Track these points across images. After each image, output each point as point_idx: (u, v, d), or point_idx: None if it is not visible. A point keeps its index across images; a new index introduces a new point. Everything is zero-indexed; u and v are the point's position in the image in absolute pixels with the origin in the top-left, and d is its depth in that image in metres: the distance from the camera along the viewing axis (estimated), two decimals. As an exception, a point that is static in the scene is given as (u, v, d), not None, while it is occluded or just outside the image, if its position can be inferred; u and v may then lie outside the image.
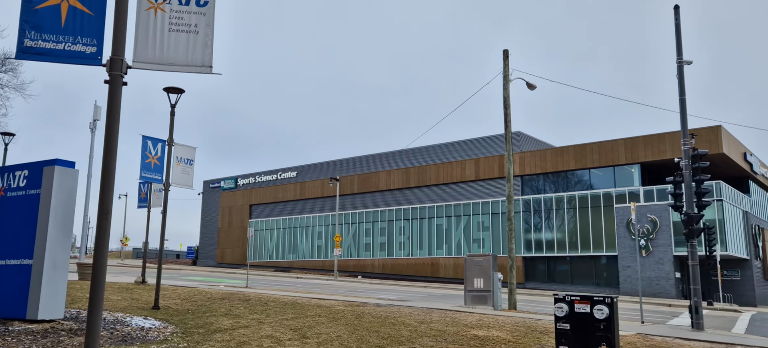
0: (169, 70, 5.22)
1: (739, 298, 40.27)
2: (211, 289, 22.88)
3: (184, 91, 15.59)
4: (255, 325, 12.48)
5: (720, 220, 37.78)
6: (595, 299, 7.11)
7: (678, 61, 17.21)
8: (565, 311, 7.14)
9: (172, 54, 5.23)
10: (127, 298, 16.69)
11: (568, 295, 7.27)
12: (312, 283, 38.71)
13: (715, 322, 21.24)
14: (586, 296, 7.14)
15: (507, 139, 20.31)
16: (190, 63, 5.25)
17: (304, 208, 62.17)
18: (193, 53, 5.26)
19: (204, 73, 5.25)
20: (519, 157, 46.82)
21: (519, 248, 45.76)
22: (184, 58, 5.25)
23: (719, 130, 38.16)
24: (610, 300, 7.09)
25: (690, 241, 16.37)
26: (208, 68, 5.27)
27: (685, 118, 16.92)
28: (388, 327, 13.01)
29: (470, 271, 19.43)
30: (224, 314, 14.22)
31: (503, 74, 20.68)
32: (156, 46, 5.21)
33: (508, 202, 19.80)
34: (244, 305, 16.51)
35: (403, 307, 18.36)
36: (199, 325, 12.05)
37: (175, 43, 5.25)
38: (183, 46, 5.26)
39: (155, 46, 5.21)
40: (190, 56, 5.25)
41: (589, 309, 7.03)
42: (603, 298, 7.10)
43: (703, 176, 16.86)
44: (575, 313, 7.12)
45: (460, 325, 13.80)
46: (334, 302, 19.05)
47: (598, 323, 6.94)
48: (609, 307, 6.99)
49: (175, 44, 5.25)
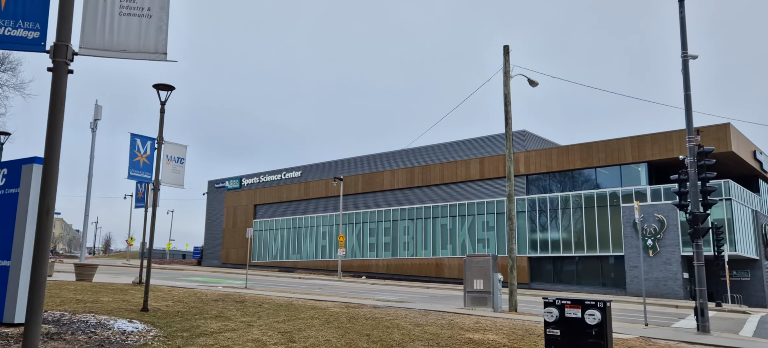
0: (120, 57, 4.83)
1: (749, 299, 39.54)
2: (208, 290, 22.55)
3: (174, 88, 15.24)
4: (243, 329, 12.11)
5: (728, 220, 37.09)
6: (586, 303, 6.67)
7: (683, 55, 16.69)
8: (555, 316, 6.71)
9: (122, 40, 4.84)
10: (118, 300, 16.37)
11: (558, 299, 6.83)
12: (314, 284, 38.37)
13: (723, 324, 20.67)
14: (578, 300, 6.70)
15: (507, 137, 19.85)
16: (142, 49, 4.86)
17: (309, 208, 61.85)
18: (146, 39, 4.86)
19: (157, 60, 4.85)
20: (524, 156, 46.27)
21: (524, 248, 45.22)
22: (136, 44, 4.85)
23: (728, 127, 37.48)
24: (602, 304, 6.64)
25: (695, 241, 15.85)
26: (162, 55, 4.87)
27: (690, 114, 16.41)
28: (381, 330, 12.60)
29: (470, 271, 18.99)
30: (215, 317, 13.87)
31: (504, 70, 20.22)
32: (105, 30, 4.81)
33: (508, 201, 19.34)
34: (237, 307, 16.16)
35: (400, 309, 17.94)
36: (184, 329, 11.69)
37: (126, 28, 4.86)
38: (135, 31, 4.87)
39: (104, 31, 4.81)
40: (142, 42, 4.86)
41: (580, 314, 6.60)
42: (595, 303, 6.66)
43: (709, 174, 16.34)
44: (566, 318, 6.68)
45: (456, 328, 13.37)
46: (331, 304, 18.67)
47: (590, 329, 6.50)
48: (601, 312, 6.55)
49: (126, 29, 4.85)
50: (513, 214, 19.10)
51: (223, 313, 14.69)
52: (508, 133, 19.87)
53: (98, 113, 36.22)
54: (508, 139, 19.80)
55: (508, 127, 19.89)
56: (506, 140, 19.81)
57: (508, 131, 19.89)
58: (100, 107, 36.35)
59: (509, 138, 19.80)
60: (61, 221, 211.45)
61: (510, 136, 19.79)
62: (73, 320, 11.62)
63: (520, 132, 48.33)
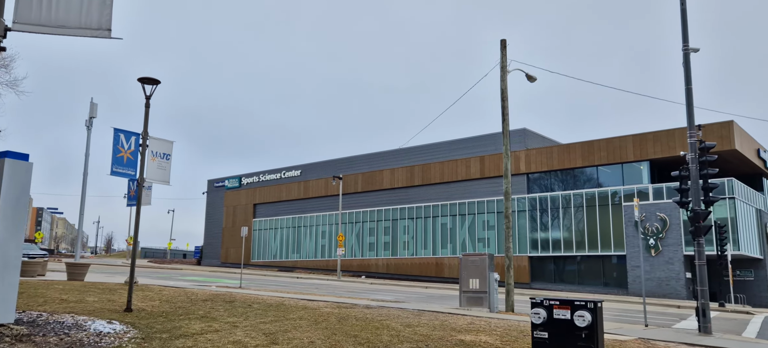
0: (59, 33, 4.40)
1: (753, 299, 38.98)
2: (200, 290, 22.15)
3: (159, 81, 14.85)
4: (227, 330, 11.70)
5: (732, 219, 36.55)
6: (576, 304, 6.23)
7: (684, 48, 16.22)
8: (542, 318, 6.27)
9: (62, 14, 4.40)
10: (104, 300, 15.97)
11: (546, 299, 6.39)
12: (311, 284, 37.96)
13: (726, 325, 20.18)
14: (567, 300, 6.26)
15: (504, 133, 19.39)
16: (84, 25, 4.43)
17: (308, 207, 61.44)
18: (88, 13, 4.43)
19: (101, 37, 4.42)
20: (525, 155, 45.78)
21: (525, 248, 44.74)
22: (77, 19, 4.42)
23: (731, 125, 36.94)
24: (593, 305, 6.20)
25: (696, 240, 15.37)
26: (105, 32, 4.44)
27: (691, 109, 15.93)
28: (370, 331, 12.17)
29: (466, 271, 18.55)
30: (201, 317, 13.46)
31: (501, 65, 19.77)
32: (42, 4, 4.39)
33: (505, 199, 18.89)
34: (225, 307, 15.75)
35: (393, 309, 17.51)
36: (165, 330, 11.28)
37: (66, 2, 4.43)
38: (76, 4, 4.44)
39: (42, 5, 4.38)
40: (84, 17, 4.42)
41: (569, 315, 6.15)
42: (585, 303, 6.22)
43: (710, 170, 15.86)
44: (554, 320, 6.24)
45: (448, 329, 12.93)
46: (323, 304, 18.24)
47: (580, 331, 6.06)
48: (592, 313, 6.10)
49: (65, 3, 4.43)
50: (509, 212, 18.64)
51: (209, 313, 14.28)
52: (505, 129, 19.41)
53: (93, 111, 35.76)
54: (505, 136, 19.34)
55: (504, 123, 19.43)
56: (503, 136, 19.34)
57: (504, 127, 19.43)
58: (95, 105, 35.89)
59: (506, 134, 19.34)
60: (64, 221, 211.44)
61: (507, 133, 19.33)
62: (49, 321, 11.22)
63: (521, 130, 47.83)
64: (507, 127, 19.44)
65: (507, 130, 19.41)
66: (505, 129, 19.45)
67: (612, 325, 16.26)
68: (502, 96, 19.57)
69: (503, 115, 19.55)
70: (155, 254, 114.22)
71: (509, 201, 18.87)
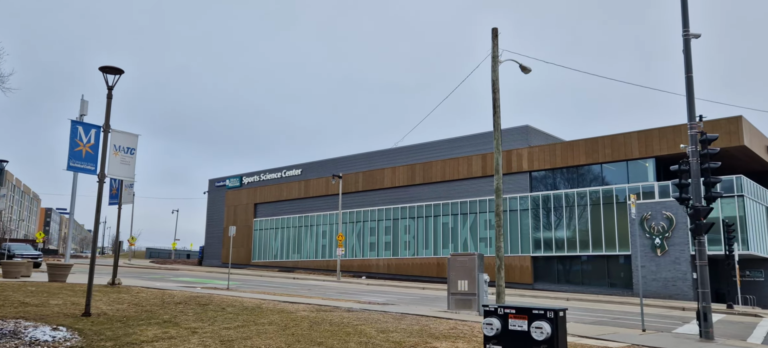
0: None
1: (763, 300, 37.71)
2: (182, 291, 21.32)
3: (123, 71, 14.03)
4: (182, 337, 10.82)
5: (741, 217, 35.30)
6: (534, 313, 5.29)
7: (684, 34, 15.18)
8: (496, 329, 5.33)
9: None
10: (69, 303, 15.13)
11: (501, 307, 5.46)
12: (307, 285, 37.10)
13: (731, 329, 19.07)
14: (524, 308, 5.33)
15: (495, 126, 18.40)
16: None
17: (309, 206, 60.62)
18: None
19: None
20: (527, 152, 44.70)
21: (527, 248, 43.67)
22: None
23: (740, 120, 35.68)
24: (553, 314, 5.25)
25: (697, 239, 14.32)
26: None
27: (692, 98, 14.89)
28: (338, 338, 11.26)
29: (454, 272, 17.60)
30: (162, 322, 12.59)
31: (492, 55, 18.79)
32: None
33: (496, 196, 17.91)
34: (196, 311, 14.89)
35: (375, 313, 16.59)
36: (114, 337, 10.42)
37: None
38: None
39: None
40: None
41: (526, 326, 5.22)
42: (544, 312, 5.27)
43: (712, 164, 14.80)
44: (509, 332, 5.31)
45: (425, 336, 11.99)
46: (304, 307, 17.35)
47: (537, 346, 5.13)
48: (552, 324, 5.16)
49: None
50: (500, 210, 17.65)
51: (175, 317, 13.42)
52: (496, 121, 18.43)
53: (84, 109, 35.15)
54: (496, 129, 18.36)
55: (495, 116, 18.45)
56: (494, 130, 18.36)
57: (495, 120, 18.45)
58: (86, 102, 35.27)
59: (497, 127, 18.36)
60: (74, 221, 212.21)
61: (498, 126, 18.35)
62: (-13, 327, 10.38)
63: (523, 127, 46.75)
64: (498, 120, 18.46)
65: (498, 123, 18.43)
66: (496, 122, 18.47)
67: (607, 330, 15.25)
68: (493, 87, 18.59)
69: (494, 107, 18.58)
70: (160, 254, 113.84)
71: (500, 198, 17.89)
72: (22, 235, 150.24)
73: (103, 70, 13.85)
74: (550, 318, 5.17)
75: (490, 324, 5.42)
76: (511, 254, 44.41)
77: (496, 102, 18.47)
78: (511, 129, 47.26)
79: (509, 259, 44.36)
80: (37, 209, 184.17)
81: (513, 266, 44.03)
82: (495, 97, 18.49)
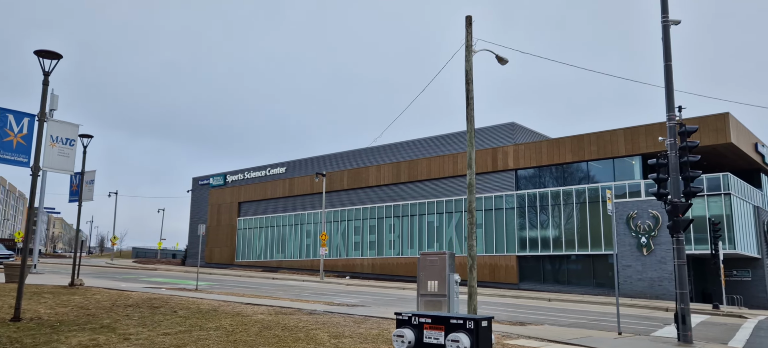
0: None
1: (750, 300, 37.07)
2: (140, 293, 20.35)
3: (61, 56, 13.05)
4: (110, 344, 9.88)
5: (727, 216, 34.61)
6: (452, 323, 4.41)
7: (663, 20, 14.36)
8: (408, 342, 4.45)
9: None
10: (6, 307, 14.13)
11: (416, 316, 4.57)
12: (285, 285, 36.13)
13: (713, 331, 18.28)
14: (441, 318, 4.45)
15: (468, 119, 17.50)
16: None
17: (294, 205, 59.60)
18: None
19: None
20: (513, 150, 43.91)
21: (513, 247, 42.87)
22: None
23: (727, 117, 34.99)
24: (473, 324, 4.37)
25: (675, 236, 13.50)
26: None
27: (671, 87, 14.06)
28: (285, 344, 10.35)
29: (424, 271, 16.66)
30: (99, 328, 11.65)
31: (465, 45, 17.88)
32: None
33: (468, 192, 17.01)
34: (142, 315, 13.92)
35: (338, 315, 15.70)
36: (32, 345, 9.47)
37: None
38: None
39: None
40: None
41: (442, 339, 4.34)
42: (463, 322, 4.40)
43: (691, 157, 13.98)
44: (425, 345, 4.43)
45: (379, 342, 11.10)
46: (264, 309, 16.43)
47: (453, 363, 4.25)
48: (471, 336, 4.28)
49: None
50: (473, 207, 16.77)
51: (114, 322, 12.47)
52: (470, 114, 17.52)
53: (54, 103, 34.05)
54: (469, 121, 17.47)
55: (469, 108, 17.54)
56: (467, 122, 17.47)
57: (469, 112, 17.55)
58: (56, 97, 34.15)
59: (470, 120, 17.46)
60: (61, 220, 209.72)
61: (471, 118, 17.45)
62: None
63: (509, 124, 45.98)
64: (471, 112, 17.54)
65: (471, 115, 17.52)
66: (470, 114, 17.56)
67: (582, 333, 14.41)
68: (466, 78, 17.68)
69: (467, 99, 17.67)
70: (146, 254, 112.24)
71: (473, 195, 17.00)
72: (8, 234, 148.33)
73: (39, 55, 12.87)
74: (470, 329, 4.29)
75: (401, 336, 4.53)
76: (497, 253, 43.62)
77: (469, 93, 17.58)
78: (496, 126, 46.47)
79: (494, 259, 43.57)
80: (23, 208, 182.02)
81: (498, 265, 43.23)
82: (468, 88, 17.59)
